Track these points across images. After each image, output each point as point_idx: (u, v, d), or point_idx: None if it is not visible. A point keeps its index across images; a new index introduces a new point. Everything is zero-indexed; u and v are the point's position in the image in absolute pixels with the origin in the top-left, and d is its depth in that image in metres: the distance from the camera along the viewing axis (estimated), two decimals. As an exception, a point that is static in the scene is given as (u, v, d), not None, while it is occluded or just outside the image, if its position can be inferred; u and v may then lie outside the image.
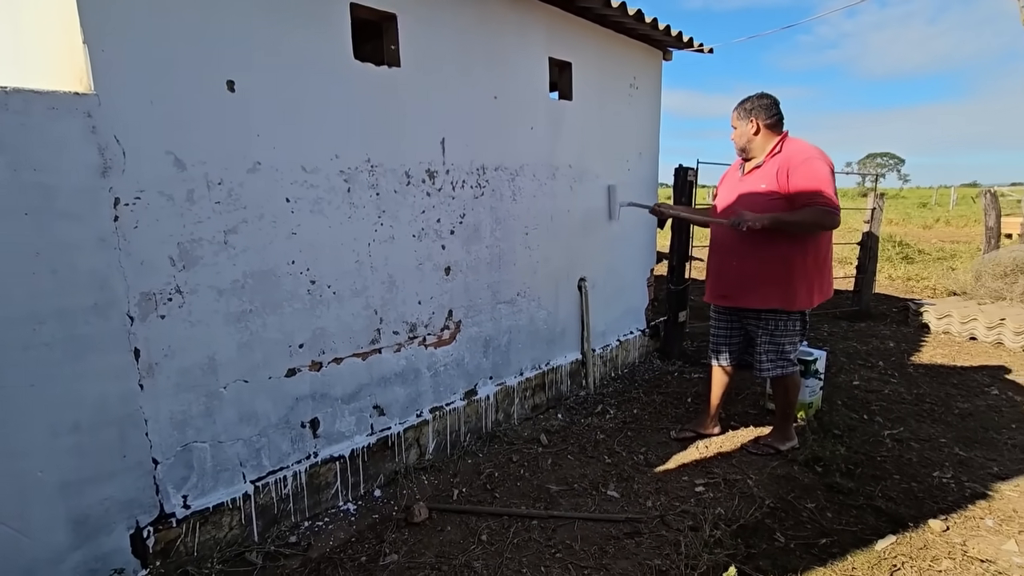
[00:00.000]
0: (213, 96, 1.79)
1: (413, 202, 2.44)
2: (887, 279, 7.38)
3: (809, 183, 2.31)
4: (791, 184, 2.34)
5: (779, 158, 2.44)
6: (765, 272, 2.46)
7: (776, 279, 2.45)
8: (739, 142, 2.54)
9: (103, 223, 1.61)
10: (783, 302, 2.48)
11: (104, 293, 1.64)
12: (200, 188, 1.79)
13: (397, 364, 2.48)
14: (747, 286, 2.52)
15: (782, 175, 2.38)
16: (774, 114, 2.47)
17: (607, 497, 2.39)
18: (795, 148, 2.43)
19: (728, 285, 2.59)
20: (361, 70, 2.18)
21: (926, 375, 3.83)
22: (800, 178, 2.33)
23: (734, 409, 3.24)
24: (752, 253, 2.47)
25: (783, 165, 2.39)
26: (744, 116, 2.50)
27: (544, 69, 2.98)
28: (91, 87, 1.56)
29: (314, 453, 2.22)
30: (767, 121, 2.47)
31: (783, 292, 2.46)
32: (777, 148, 2.47)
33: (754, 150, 2.52)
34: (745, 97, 2.54)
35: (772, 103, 2.48)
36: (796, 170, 2.34)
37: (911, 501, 2.32)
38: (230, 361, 1.93)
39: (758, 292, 2.50)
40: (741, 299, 2.56)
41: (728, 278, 2.58)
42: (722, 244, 2.62)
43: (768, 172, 2.44)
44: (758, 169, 2.50)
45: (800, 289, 2.46)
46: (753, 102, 2.49)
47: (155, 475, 1.80)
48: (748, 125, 2.49)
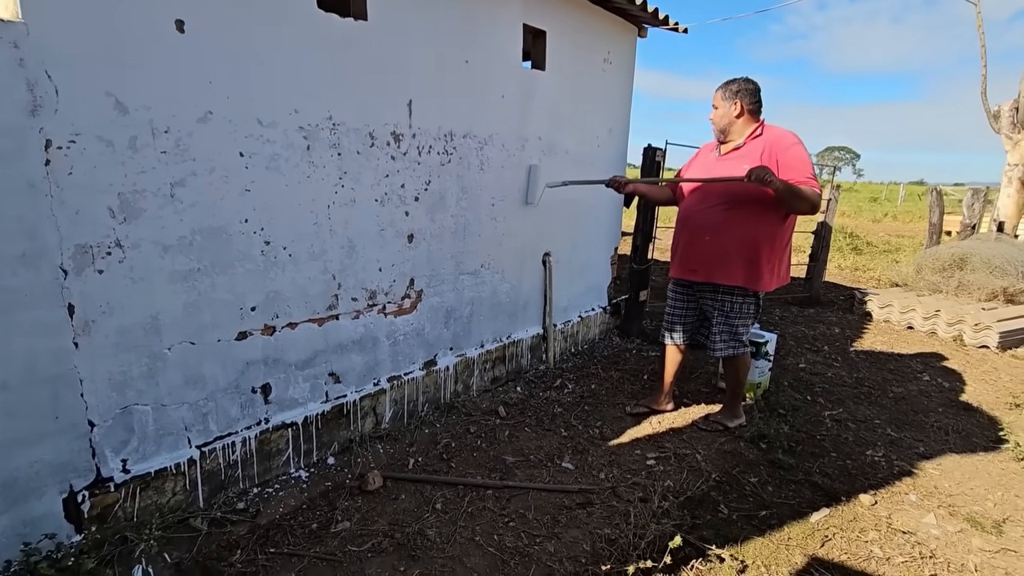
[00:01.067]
0: (160, 35, 1.66)
1: (377, 165, 2.35)
2: (837, 268, 7.71)
3: (800, 169, 2.38)
4: (782, 169, 2.38)
5: (761, 141, 2.48)
6: (736, 250, 2.51)
7: (745, 259, 2.51)
8: (720, 122, 2.55)
9: (32, 167, 1.48)
10: (747, 282, 2.54)
11: (34, 243, 1.51)
12: (144, 135, 1.67)
13: (355, 331, 2.43)
14: (717, 262, 2.55)
15: (768, 158, 2.42)
16: (756, 100, 2.51)
17: (562, 469, 2.43)
18: (777, 134, 2.47)
19: (699, 260, 2.60)
20: (325, 20, 2.05)
21: (866, 360, 4.03)
22: (791, 163, 2.39)
23: (687, 387, 3.34)
24: (729, 230, 2.50)
25: (768, 149, 2.43)
26: (729, 97, 2.51)
27: (518, 36, 2.90)
28: (18, 14, 1.41)
29: (265, 419, 2.16)
30: (750, 106, 2.50)
31: (749, 272, 2.52)
32: (758, 132, 2.51)
33: (733, 132, 2.55)
34: (731, 79, 2.55)
35: (756, 88, 2.51)
36: (785, 155, 2.40)
37: (845, 477, 2.45)
38: (175, 322, 1.83)
39: (726, 269, 2.54)
40: (710, 274, 2.58)
41: (700, 253, 2.59)
42: (695, 219, 2.62)
43: (750, 154, 2.48)
44: (737, 151, 2.53)
45: (764, 271, 2.53)
46: (739, 84, 2.50)
47: (91, 438, 1.71)
48: (732, 107, 2.50)
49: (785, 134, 2.47)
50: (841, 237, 9.68)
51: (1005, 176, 8.37)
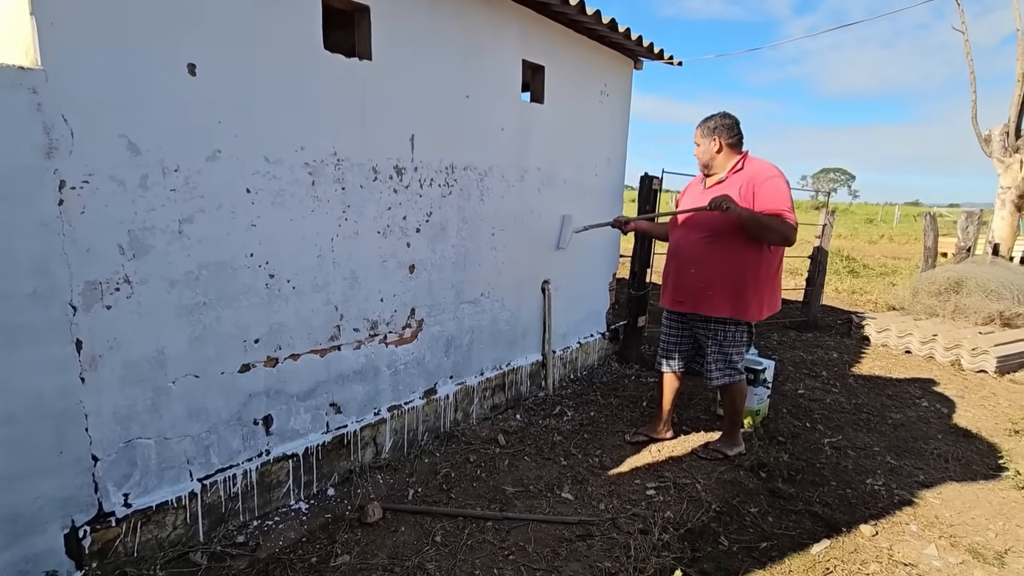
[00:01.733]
0: (173, 79, 1.72)
1: (379, 198, 2.40)
2: (834, 291, 7.75)
3: (776, 201, 2.42)
4: (757, 201, 2.44)
5: (742, 175, 2.53)
6: (722, 282, 2.55)
7: (731, 290, 2.55)
8: (702, 158, 2.63)
9: (46, 207, 1.53)
10: (735, 312, 2.58)
11: (44, 280, 1.55)
12: (155, 174, 1.72)
13: (356, 361, 2.45)
14: (703, 294, 2.60)
15: (746, 191, 2.48)
16: (735, 134, 2.58)
17: (561, 499, 2.43)
18: (758, 167, 2.53)
19: (685, 292, 2.66)
20: (331, 61, 2.12)
21: (864, 386, 4.05)
22: (766, 195, 2.44)
23: (686, 414, 3.34)
24: (711, 262, 2.56)
25: (747, 182, 2.49)
26: (708, 135, 2.59)
27: (517, 71, 2.99)
28: (38, 62, 1.47)
29: (266, 451, 2.17)
30: (729, 140, 2.57)
31: (736, 303, 2.56)
32: (739, 165, 2.57)
33: (716, 166, 2.62)
34: (708, 116, 2.62)
35: (734, 123, 2.58)
36: (761, 187, 2.45)
37: (845, 507, 2.45)
38: (180, 355, 1.86)
39: (713, 301, 2.59)
40: (696, 306, 2.64)
41: (686, 285, 2.65)
42: (681, 251, 2.69)
43: (731, 186, 2.53)
44: (720, 184, 2.59)
45: (752, 301, 2.57)
46: (716, 121, 2.58)
47: (94, 472, 1.72)
48: (711, 143, 2.58)
49: (765, 167, 2.52)
50: (838, 260, 9.76)
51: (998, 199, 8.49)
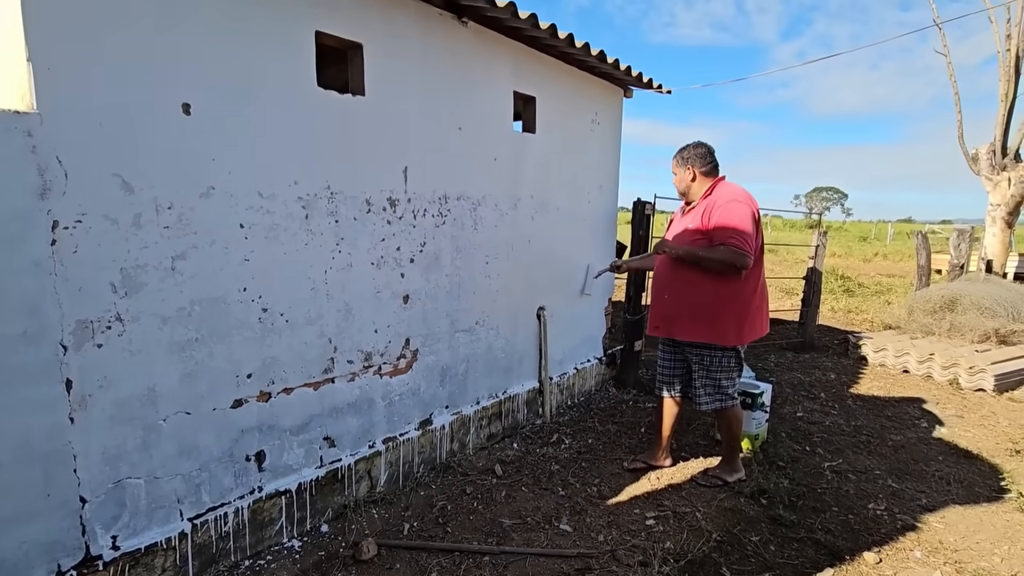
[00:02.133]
0: (167, 118, 1.74)
1: (373, 230, 2.42)
2: (830, 311, 7.77)
3: (726, 222, 2.46)
4: (711, 222, 2.51)
5: (709, 199, 2.60)
6: (695, 306, 2.59)
7: (705, 314, 2.57)
8: (679, 187, 2.72)
9: (39, 247, 1.53)
10: (712, 337, 2.58)
11: (35, 320, 1.54)
12: (148, 212, 1.73)
13: (350, 394, 2.43)
14: (677, 318, 2.65)
15: (706, 215, 2.55)
16: (709, 162, 2.64)
17: (560, 531, 2.39)
18: (724, 191, 2.59)
19: (659, 316, 2.72)
20: (324, 97, 2.16)
21: (863, 407, 4.03)
22: (719, 217, 2.49)
23: (685, 440, 3.31)
24: (683, 287, 2.61)
25: (709, 206, 2.56)
26: (682, 164, 2.67)
27: (509, 102, 3.04)
28: (33, 105, 1.49)
29: (259, 488, 2.13)
30: (702, 169, 2.63)
31: (712, 328, 2.57)
32: (709, 191, 2.63)
33: (692, 193, 2.69)
34: (683, 146, 2.71)
35: (707, 152, 2.65)
36: (717, 210, 2.51)
37: (848, 533, 2.42)
38: (171, 392, 1.84)
39: (687, 325, 2.62)
40: (672, 330, 2.68)
41: (660, 310, 2.72)
42: (658, 276, 2.77)
43: (699, 211, 2.61)
44: (693, 209, 2.67)
45: (729, 326, 2.56)
46: (690, 151, 2.66)
47: (82, 514, 1.68)
48: (686, 172, 2.66)
49: (728, 192, 2.56)
50: (833, 279, 9.81)
51: (989, 216, 8.59)
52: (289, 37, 2.03)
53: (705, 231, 2.53)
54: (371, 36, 2.29)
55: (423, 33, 2.51)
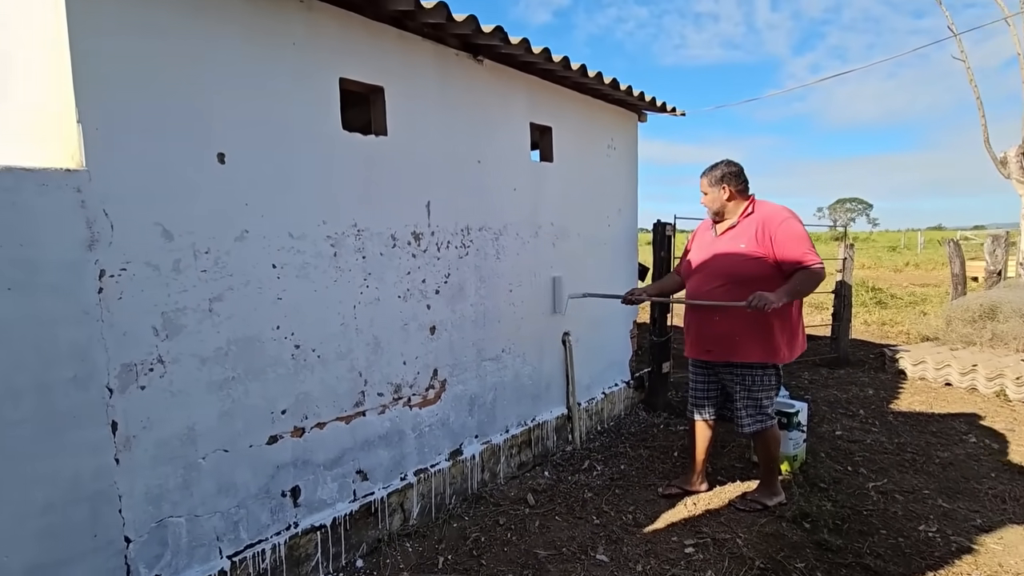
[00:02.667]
0: (204, 168, 1.84)
1: (399, 264, 2.48)
2: (863, 324, 7.56)
3: (795, 246, 2.45)
4: (777, 249, 2.46)
5: (754, 219, 2.56)
6: (749, 328, 2.52)
7: (762, 334, 2.53)
8: (712, 206, 2.65)
9: (87, 296, 1.61)
10: (765, 356, 2.55)
11: (84, 365, 1.61)
12: (187, 257, 1.81)
13: (381, 426, 2.45)
14: (732, 342, 2.57)
15: (762, 236, 2.50)
16: (742, 180, 2.62)
17: (596, 562, 2.34)
18: (769, 210, 2.56)
19: (713, 341, 2.62)
20: (349, 140, 2.25)
21: (906, 423, 3.88)
22: (785, 243, 2.46)
23: (720, 463, 3.23)
24: (729, 312, 2.54)
25: (761, 227, 2.51)
26: (716, 183, 2.61)
27: (526, 133, 3.11)
28: (83, 163, 1.60)
29: (294, 523, 2.15)
30: (737, 187, 2.61)
31: (767, 346, 2.54)
32: (749, 209, 2.60)
33: (727, 213, 2.65)
34: (713, 165, 2.66)
35: (740, 171, 2.63)
36: (778, 233, 2.47)
37: (899, 558, 2.31)
38: (210, 430, 1.89)
39: (743, 347, 2.56)
40: (726, 354, 2.60)
41: (712, 334, 2.62)
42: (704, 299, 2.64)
43: (745, 232, 2.55)
44: (732, 229, 2.61)
45: (781, 344, 2.55)
46: (723, 170, 2.61)
47: (126, 554, 1.72)
48: (720, 191, 2.61)
49: (777, 210, 2.56)
50: (863, 291, 9.57)
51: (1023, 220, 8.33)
52: (315, 85, 2.13)
53: (765, 254, 2.48)
54: (392, 79, 2.39)
55: (441, 73, 2.61)
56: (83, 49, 1.57)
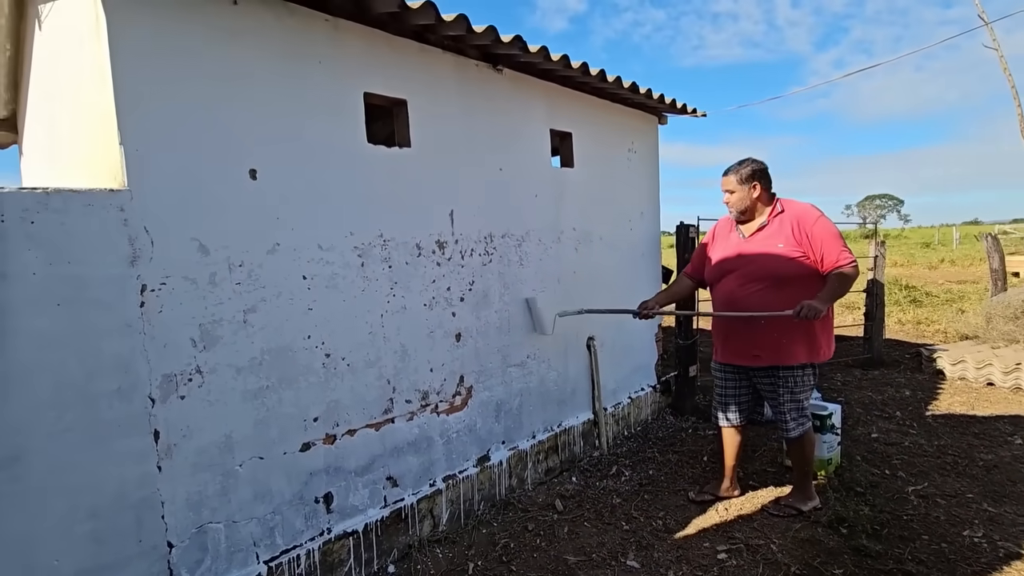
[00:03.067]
0: (237, 184, 1.90)
1: (424, 272, 2.51)
2: (897, 324, 7.34)
3: (832, 244, 2.43)
4: (814, 246, 2.44)
5: (786, 218, 2.52)
6: (795, 328, 2.47)
7: (805, 334, 2.50)
8: (739, 205, 2.58)
9: (130, 309, 1.68)
10: (810, 356, 2.53)
11: (128, 377, 1.68)
12: (222, 271, 1.87)
13: (410, 433, 2.48)
14: (780, 345, 2.51)
15: (799, 233, 2.47)
16: (769, 178, 2.58)
17: (627, 568, 2.32)
18: (799, 209, 2.54)
19: (760, 346, 2.54)
20: (373, 152, 2.30)
21: (946, 425, 3.75)
22: (823, 240, 2.44)
23: (752, 467, 3.18)
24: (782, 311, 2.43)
25: (796, 224, 2.48)
26: (744, 182, 2.55)
27: (546, 140, 3.13)
28: (125, 183, 1.67)
29: (328, 529, 2.19)
30: (765, 185, 2.56)
31: (811, 347, 2.52)
32: (779, 208, 2.56)
33: (756, 212, 2.59)
34: (740, 162, 2.60)
35: (766, 168, 2.59)
36: (814, 231, 2.45)
37: (943, 564, 2.24)
38: (246, 438, 1.95)
39: (791, 349, 2.51)
40: (774, 358, 2.53)
41: (759, 339, 2.53)
42: (743, 305, 2.54)
43: (781, 232, 2.50)
44: (764, 230, 2.56)
45: (822, 342, 2.54)
46: (752, 167, 2.55)
47: (169, 559, 1.78)
48: (749, 190, 2.55)
49: (808, 208, 2.54)
50: (896, 289, 9.29)
51: (1065, 213, 7.99)
52: (340, 100, 2.19)
53: (804, 252, 2.45)
54: (414, 92, 2.44)
55: (461, 84, 2.65)
56: (124, 71, 1.65)
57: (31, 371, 1.51)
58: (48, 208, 1.53)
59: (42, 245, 1.52)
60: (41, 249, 1.52)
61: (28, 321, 1.50)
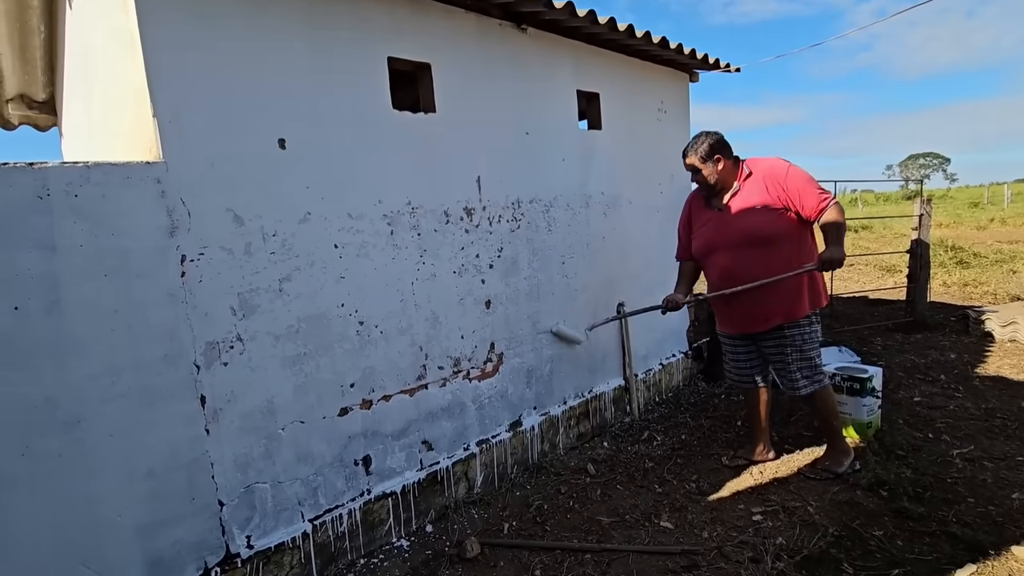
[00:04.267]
0: (267, 154, 1.92)
1: (452, 239, 2.51)
2: (941, 286, 7.04)
3: (809, 189, 2.43)
4: (792, 197, 2.43)
5: (757, 178, 2.50)
6: (798, 280, 2.49)
7: (808, 283, 2.53)
8: (711, 180, 2.53)
9: (171, 279, 1.74)
10: (813, 303, 2.55)
11: (173, 344, 1.75)
12: (257, 241, 1.91)
13: (443, 398, 2.53)
14: (787, 302, 2.51)
15: (776, 189, 2.45)
16: (728, 146, 2.55)
17: (660, 528, 2.34)
18: (766, 165, 2.52)
19: (772, 308, 2.52)
20: (399, 119, 2.29)
21: (994, 388, 3.62)
22: (798, 189, 2.43)
23: (787, 432, 3.14)
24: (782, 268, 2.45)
25: (771, 182, 2.46)
26: (707, 159, 2.50)
27: (573, 102, 3.05)
28: (160, 155, 1.70)
29: (367, 490, 2.27)
30: (727, 155, 2.54)
31: (812, 293, 2.55)
32: (747, 171, 2.54)
33: (725, 183, 2.55)
34: (694, 141, 2.54)
35: (723, 139, 2.54)
36: (788, 182, 2.45)
37: (990, 526, 2.18)
38: (287, 403, 2.01)
39: (797, 303, 2.51)
40: (789, 314, 2.52)
41: (768, 301, 2.51)
42: (744, 273, 2.50)
43: (755, 192, 2.48)
44: (737, 196, 2.53)
45: (820, 286, 2.59)
46: (706, 142, 2.50)
47: (221, 516, 1.87)
48: (715, 165, 2.51)
49: (775, 162, 2.52)
50: (942, 251, 8.87)
51: None
52: (365, 66, 2.17)
53: (783, 206, 2.43)
54: (438, 55, 2.40)
55: (485, 46, 2.59)
56: (154, 44, 1.66)
57: (85, 340, 1.59)
58: (90, 181, 1.58)
59: (86, 218, 1.57)
60: (86, 222, 1.57)
61: (79, 292, 1.57)
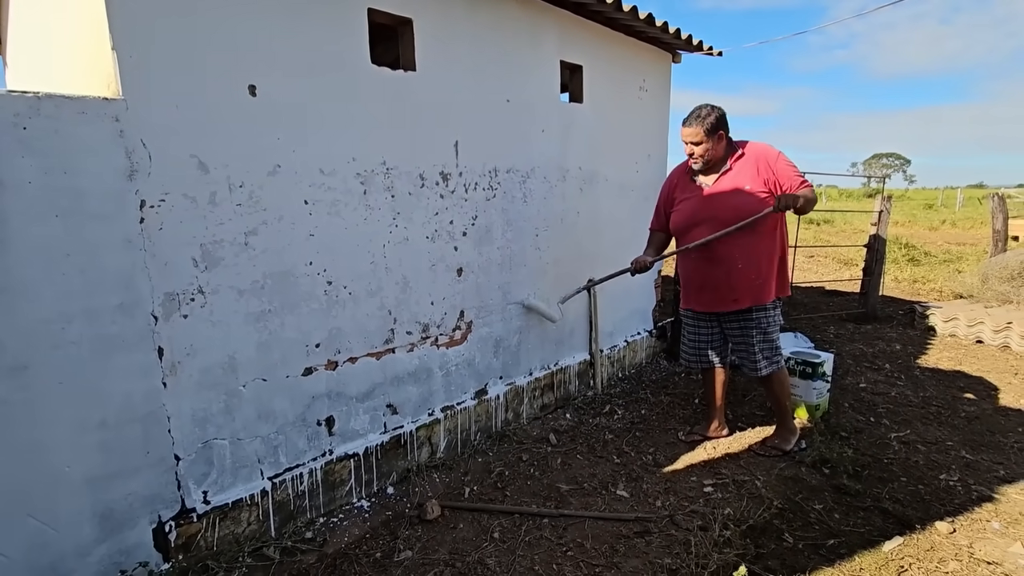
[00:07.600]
0: (236, 100, 1.83)
1: (427, 204, 2.47)
2: (893, 281, 7.38)
3: (795, 174, 2.52)
4: (779, 178, 2.50)
5: (749, 159, 2.53)
6: (768, 265, 2.57)
7: (776, 270, 2.61)
8: (707, 155, 2.52)
9: (129, 224, 1.65)
10: (780, 291, 2.65)
11: (130, 293, 1.68)
12: (222, 191, 1.83)
13: (410, 364, 2.52)
14: (756, 284, 2.56)
15: (766, 171, 2.50)
16: (727, 124, 2.54)
17: (617, 496, 2.42)
18: (759, 148, 2.57)
19: (739, 289, 2.58)
20: (377, 74, 2.21)
21: (932, 378, 3.84)
22: (787, 175, 2.51)
23: (741, 411, 3.27)
24: (755, 250, 2.52)
25: (763, 164, 2.50)
26: (712, 132, 2.47)
27: (555, 72, 3.01)
28: (119, 92, 1.60)
29: (329, 451, 2.26)
30: (727, 134, 2.55)
31: (780, 281, 2.65)
32: (740, 152, 2.55)
33: (719, 160, 2.56)
34: (698, 111, 2.50)
35: (725, 113, 2.53)
36: (776, 165, 2.51)
37: (918, 503, 2.34)
38: (249, 360, 1.97)
39: (767, 287, 2.58)
40: (757, 298, 2.58)
41: (737, 282, 2.57)
42: (717, 251, 2.56)
43: (746, 173, 2.52)
44: (727, 174, 2.55)
45: (786, 275, 2.69)
46: (714, 115, 2.47)
47: (177, 471, 1.84)
48: (718, 140, 2.51)
49: (767, 147, 2.58)
50: (896, 248, 9.27)
51: (1075, 176, 7.89)
52: (343, 16, 2.07)
53: (772, 190, 2.48)
54: (420, 11, 2.31)
55: (470, 5, 2.51)
56: (113, -28, 1.54)
57: (34, 283, 1.50)
58: (40, 114, 1.47)
59: (36, 152, 1.47)
60: (35, 156, 1.47)
61: (27, 231, 1.48)
